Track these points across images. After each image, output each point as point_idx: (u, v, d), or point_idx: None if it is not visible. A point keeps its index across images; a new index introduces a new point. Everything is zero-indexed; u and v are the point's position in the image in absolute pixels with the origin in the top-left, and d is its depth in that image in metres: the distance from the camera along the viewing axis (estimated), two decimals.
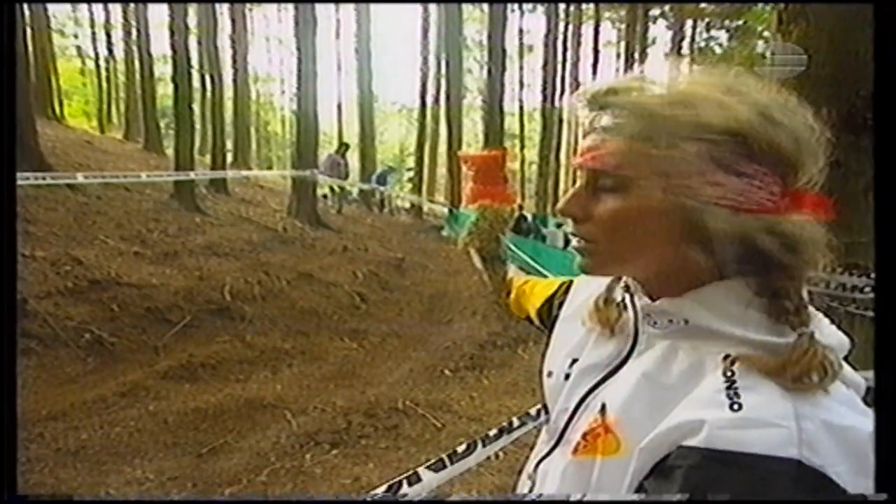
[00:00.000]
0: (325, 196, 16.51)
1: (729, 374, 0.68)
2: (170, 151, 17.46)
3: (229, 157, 21.49)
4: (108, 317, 6.02)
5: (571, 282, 1.22)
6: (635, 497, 0.73)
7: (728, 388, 0.67)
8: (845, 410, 0.64)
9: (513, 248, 12.33)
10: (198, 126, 16.73)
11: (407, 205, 21.30)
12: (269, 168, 33.32)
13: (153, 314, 6.31)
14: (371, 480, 3.88)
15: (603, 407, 0.80)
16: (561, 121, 30.87)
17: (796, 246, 0.69)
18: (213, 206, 12.35)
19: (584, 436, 0.81)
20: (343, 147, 17.75)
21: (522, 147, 32.64)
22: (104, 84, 30.49)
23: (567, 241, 15.22)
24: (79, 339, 5.56)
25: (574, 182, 0.82)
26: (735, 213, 0.69)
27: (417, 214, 19.96)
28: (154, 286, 6.84)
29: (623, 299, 0.87)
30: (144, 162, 16.15)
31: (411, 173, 26.45)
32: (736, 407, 0.64)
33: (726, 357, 0.70)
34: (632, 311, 0.85)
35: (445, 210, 17.47)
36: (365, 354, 6.73)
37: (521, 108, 33.48)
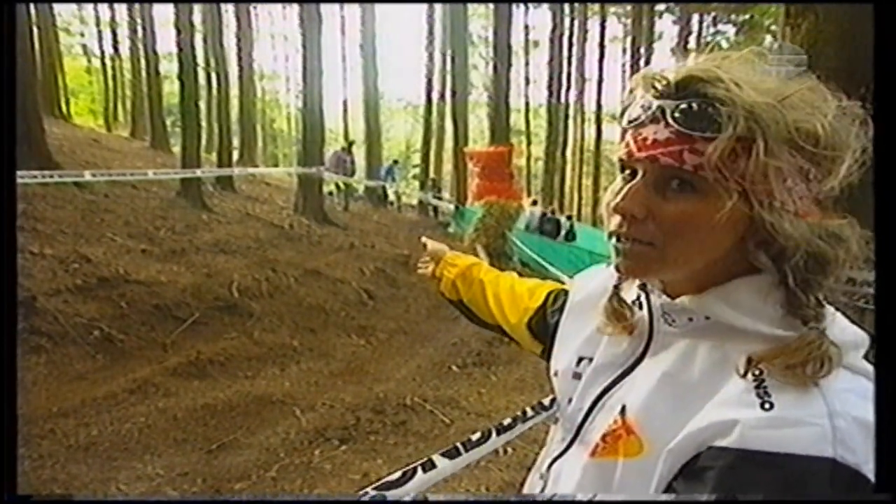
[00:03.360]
0: (330, 193, 16.55)
1: (757, 372, 0.67)
2: (176, 149, 17.55)
3: (235, 155, 21.55)
4: (117, 314, 6.03)
5: (559, 290, 1.22)
6: (647, 497, 0.72)
7: (757, 386, 0.66)
8: (871, 407, 0.63)
9: (519, 243, 12.34)
10: (203, 124, 16.76)
11: (413, 201, 21.34)
12: (276, 165, 33.36)
13: (161, 311, 6.33)
14: (380, 476, 3.87)
15: (623, 408, 0.78)
16: (567, 117, 30.93)
17: (844, 246, 0.69)
18: (220, 203, 12.41)
19: (604, 437, 0.79)
20: (349, 144, 17.82)
21: (529, 143, 32.65)
22: (110, 82, 30.63)
23: (571, 236, 15.19)
24: (88, 336, 5.57)
25: (580, 178, 0.81)
26: (797, 217, 0.69)
27: (423, 211, 19.99)
28: (162, 283, 6.85)
29: (638, 297, 0.85)
30: (151, 160, 16.23)
31: (417, 170, 26.49)
32: (767, 406, 0.63)
33: (752, 356, 0.69)
34: (647, 309, 0.83)
35: (452, 206, 17.48)
36: (373, 351, 6.74)
37: (527, 104, 33.45)
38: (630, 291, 0.89)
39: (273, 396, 5.09)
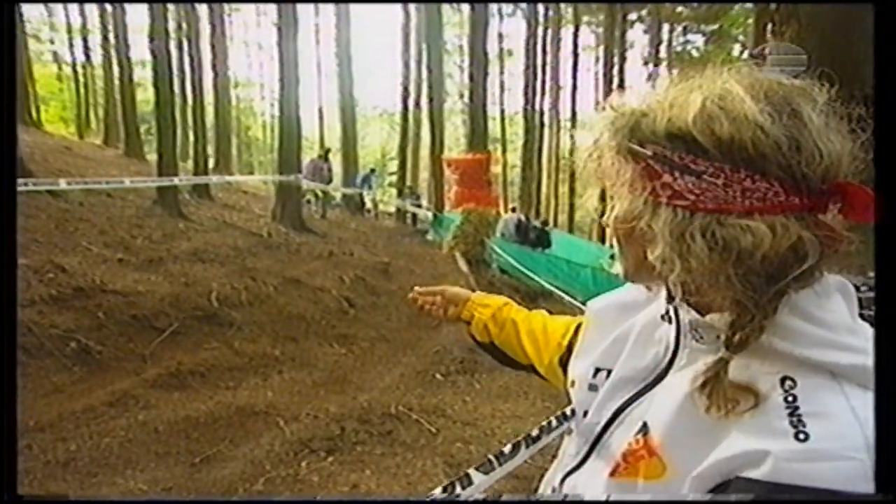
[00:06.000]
0: (308, 201, 16.47)
1: (790, 398, 0.64)
2: (150, 157, 17.34)
3: (210, 163, 21.37)
4: (94, 325, 5.90)
5: (580, 323, 1.17)
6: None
7: (791, 414, 0.63)
8: None
9: (498, 250, 12.37)
10: (178, 131, 16.55)
11: (391, 209, 21.37)
12: (251, 173, 33.15)
13: (140, 321, 6.21)
14: (370, 487, 3.84)
15: (644, 426, 0.76)
16: (542, 124, 31.16)
17: (724, 250, 0.65)
18: (197, 211, 12.27)
19: (625, 457, 0.77)
20: (326, 152, 17.77)
21: (504, 151, 32.78)
22: (82, 89, 30.21)
23: (546, 243, 15.29)
24: (64, 348, 5.44)
25: (557, 185, 0.82)
26: (688, 212, 0.68)
27: (401, 218, 20.00)
28: (140, 293, 6.73)
29: (667, 311, 0.83)
30: (125, 168, 16.00)
31: (393, 178, 26.56)
32: (802, 437, 0.60)
33: (784, 379, 0.66)
34: (674, 323, 0.80)
35: (430, 214, 17.50)
36: (354, 360, 6.68)
37: (503, 111, 33.62)
38: (659, 305, 0.86)
39: (256, 407, 5.01)
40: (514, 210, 17.39)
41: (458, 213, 13.54)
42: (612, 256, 13.93)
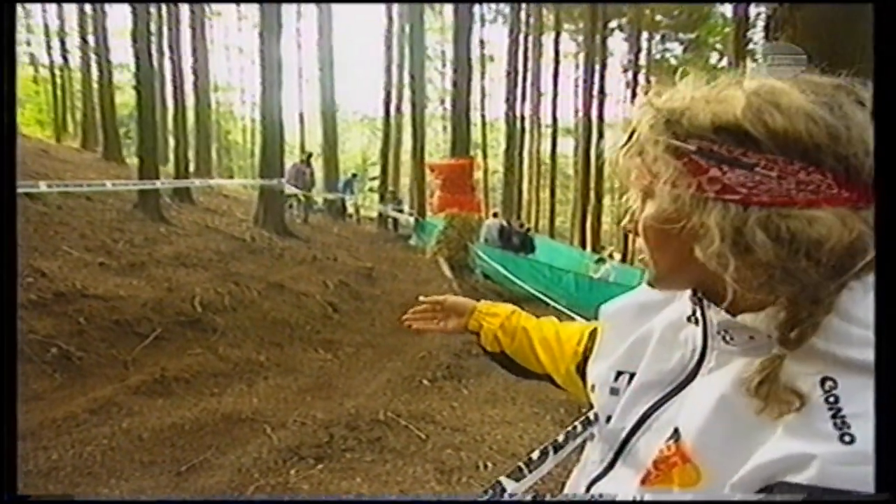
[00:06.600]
0: (290, 206, 16.40)
1: (832, 399, 0.61)
2: (129, 160, 17.13)
3: (191, 167, 21.21)
4: (75, 330, 5.79)
5: (595, 328, 1.15)
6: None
7: (834, 416, 0.60)
8: None
9: (482, 255, 12.38)
10: (158, 135, 16.42)
11: (372, 214, 21.39)
12: (231, 177, 32.96)
13: (122, 327, 6.11)
14: (360, 495, 3.79)
15: (675, 432, 0.73)
16: (524, 130, 31.32)
17: (791, 243, 0.63)
18: (178, 215, 12.16)
19: (656, 464, 0.74)
20: (308, 156, 17.72)
21: (485, 156, 32.90)
22: (59, 92, 29.83)
23: (530, 248, 15.33)
24: (44, 354, 5.33)
25: (538, 191, 0.79)
26: (741, 206, 0.65)
27: (382, 223, 20.00)
28: (121, 298, 6.63)
29: (693, 312, 0.80)
30: (104, 171, 15.79)
31: (374, 183, 26.54)
32: (847, 439, 0.58)
33: (824, 379, 0.63)
34: (701, 324, 0.78)
35: (412, 219, 17.50)
36: (340, 365, 6.62)
37: (484, 117, 33.75)
38: (684, 306, 0.83)
39: (242, 414, 4.93)
40: (496, 215, 17.42)
41: (441, 218, 13.56)
42: (597, 261, 14.05)
